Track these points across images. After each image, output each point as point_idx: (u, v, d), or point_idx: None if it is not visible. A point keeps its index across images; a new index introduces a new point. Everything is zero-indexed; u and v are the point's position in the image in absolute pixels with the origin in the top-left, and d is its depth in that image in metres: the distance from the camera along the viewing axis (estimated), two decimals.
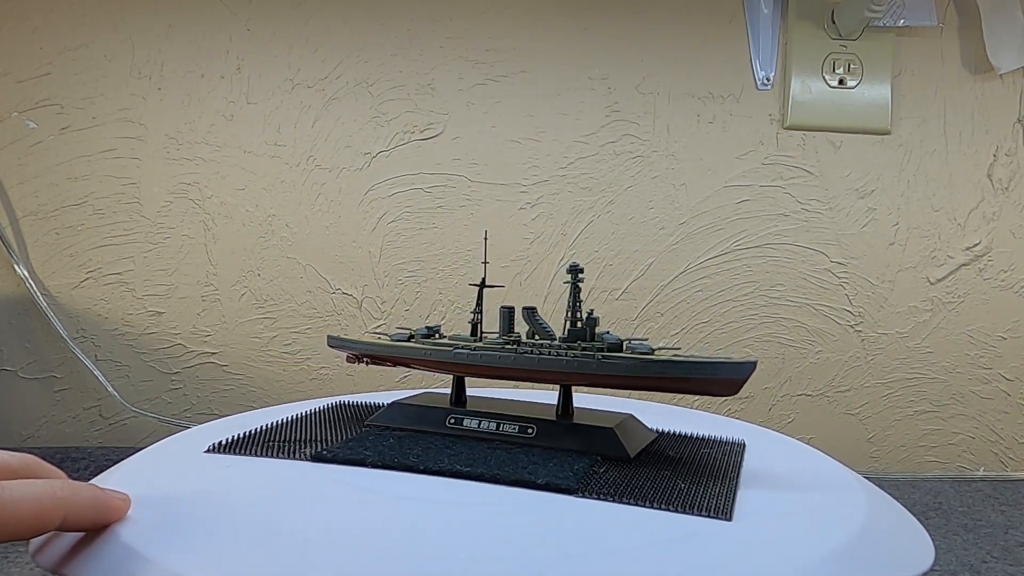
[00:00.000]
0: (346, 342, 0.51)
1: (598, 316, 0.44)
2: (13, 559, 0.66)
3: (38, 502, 0.28)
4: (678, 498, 0.35)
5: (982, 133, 1.01)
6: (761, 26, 0.99)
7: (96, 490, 0.32)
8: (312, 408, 0.54)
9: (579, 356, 0.42)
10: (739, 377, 0.39)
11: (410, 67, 0.97)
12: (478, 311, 0.49)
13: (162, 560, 0.29)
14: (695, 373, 0.39)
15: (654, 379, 0.41)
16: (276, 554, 0.29)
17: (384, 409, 0.49)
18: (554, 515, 0.34)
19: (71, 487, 0.30)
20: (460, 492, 0.36)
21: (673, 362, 0.40)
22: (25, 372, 0.95)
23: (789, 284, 1.01)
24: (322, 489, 0.37)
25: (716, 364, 0.39)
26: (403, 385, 0.98)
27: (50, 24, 0.93)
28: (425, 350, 0.47)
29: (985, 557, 0.73)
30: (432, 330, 0.49)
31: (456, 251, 0.98)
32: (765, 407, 1.02)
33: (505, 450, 0.42)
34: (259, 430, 0.46)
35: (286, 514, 0.33)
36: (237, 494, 0.36)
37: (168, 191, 0.96)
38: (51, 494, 0.29)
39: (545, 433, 0.44)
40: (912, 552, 0.34)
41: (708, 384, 0.40)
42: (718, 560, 0.29)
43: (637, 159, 0.99)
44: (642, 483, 0.37)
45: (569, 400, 0.46)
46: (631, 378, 0.41)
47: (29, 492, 0.28)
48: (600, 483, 0.37)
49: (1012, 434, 1.04)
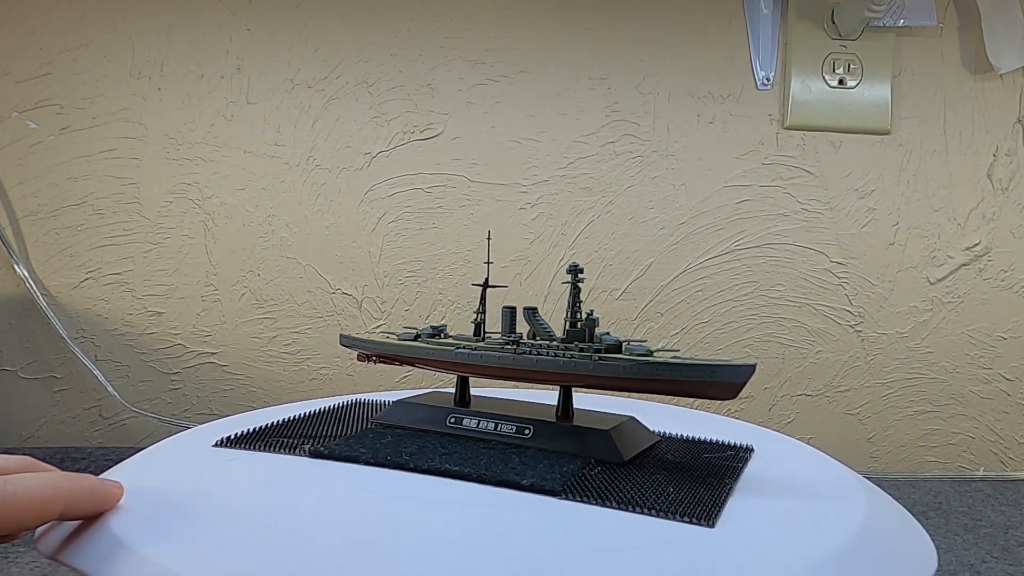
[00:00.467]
0: (357, 341, 0.52)
1: (597, 317, 0.44)
2: (13, 559, 0.66)
3: (39, 493, 0.29)
4: (663, 503, 0.35)
5: (982, 133, 1.01)
6: (761, 26, 0.99)
7: (92, 479, 0.33)
8: (323, 406, 0.55)
9: (576, 357, 0.42)
10: (737, 381, 0.38)
11: (410, 67, 0.97)
12: (481, 311, 0.49)
13: (146, 550, 0.30)
14: (691, 376, 0.39)
15: (650, 381, 0.40)
16: (256, 546, 0.30)
17: (389, 407, 0.50)
18: (531, 516, 0.34)
19: (69, 478, 0.32)
20: (445, 491, 0.37)
21: (669, 364, 0.39)
22: (25, 372, 0.95)
23: (789, 284, 1.01)
24: (310, 486, 0.38)
25: (713, 367, 0.38)
26: (403, 385, 0.98)
27: (50, 24, 0.93)
28: (429, 350, 0.48)
29: (985, 557, 0.73)
30: (437, 330, 0.50)
31: (456, 251, 0.98)
32: (765, 407, 1.02)
33: (500, 450, 0.43)
34: (267, 426, 0.47)
35: (270, 509, 0.34)
36: (227, 491, 0.36)
37: (168, 191, 0.96)
38: (51, 485, 0.30)
39: (542, 434, 0.44)
40: (914, 557, 0.34)
41: (705, 387, 0.39)
42: (687, 568, 0.29)
43: (637, 159, 0.99)
44: (630, 487, 0.37)
45: (569, 401, 0.46)
46: (627, 380, 0.41)
47: (30, 484, 0.29)
48: (587, 486, 0.37)
49: (1012, 434, 1.04)
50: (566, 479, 0.37)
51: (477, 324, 0.49)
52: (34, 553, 0.67)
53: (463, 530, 0.32)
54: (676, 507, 0.34)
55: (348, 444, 0.43)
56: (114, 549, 0.30)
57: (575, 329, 0.43)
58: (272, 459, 0.42)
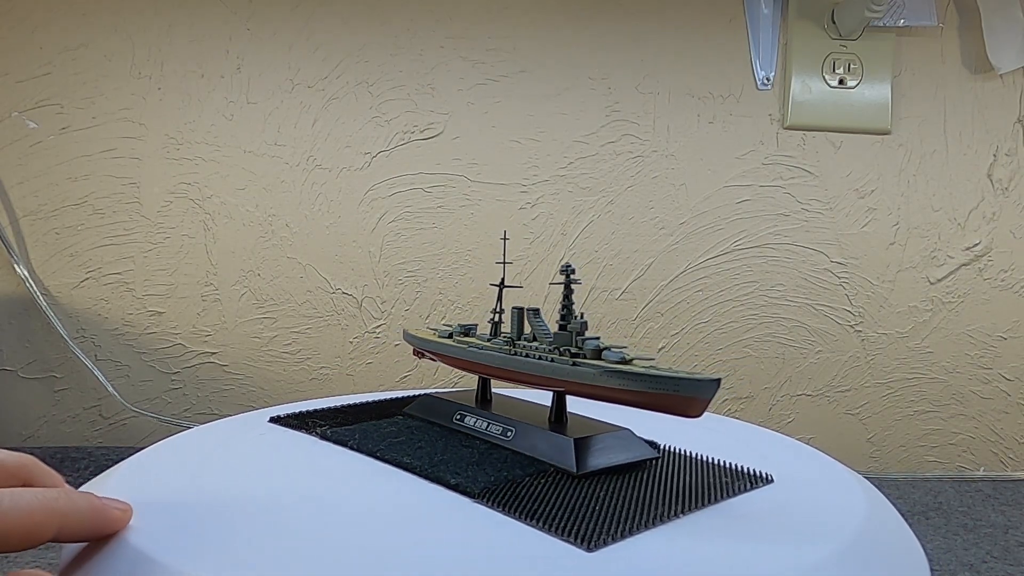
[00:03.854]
0: (408, 335, 0.55)
1: (586, 320, 0.43)
2: (13, 559, 0.66)
3: (29, 514, 0.27)
4: (560, 520, 0.33)
5: (982, 133, 1.01)
6: (761, 26, 0.99)
7: (94, 500, 0.31)
8: (383, 397, 0.59)
9: (557, 361, 0.42)
10: (700, 396, 0.35)
11: (410, 67, 0.97)
12: (498, 311, 0.50)
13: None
14: (654, 388, 0.36)
15: (616, 391, 0.38)
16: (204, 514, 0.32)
17: (417, 401, 0.53)
18: (423, 512, 0.35)
19: (68, 498, 0.29)
20: (381, 480, 0.39)
21: (632, 374, 0.37)
22: (25, 372, 0.95)
23: (789, 284, 1.01)
24: (288, 465, 0.42)
25: (677, 379, 0.35)
26: (402, 385, 0.98)
27: (50, 24, 0.93)
28: (446, 346, 0.50)
29: (985, 557, 0.73)
30: (466, 329, 0.52)
31: (456, 251, 0.98)
32: (765, 407, 1.02)
33: (478, 449, 0.43)
34: (317, 410, 0.54)
35: (234, 482, 0.37)
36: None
37: (168, 191, 0.96)
38: (44, 505, 0.28)
39: (521, 437, 0.44)
40: (903, 567, 0.34)
41: (666, 401, 0.36)
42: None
43: (637, 159, 0.99)
44: (553, 500, 0.35)
45: (562, 406, 0.45)
46: (597, 388, 0.39)
47: (20, 503, 0.27)
48: (509, 492, 0.36)
49: (1012, 434, 1.04)
50: (495, 483, 0.37)
51: (494, 324, 0.49)
52: (34, 553, 0.67)
53: (352, 514, 0.34)
54: (571, 527, 0.32)
55: (348, 431, 0.47)
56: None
57: (562, 332, 0.43)
58: (286, 439, 0.46)
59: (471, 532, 0.33)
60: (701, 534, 0.33)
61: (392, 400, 0.57)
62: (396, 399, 0.58)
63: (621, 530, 0.32)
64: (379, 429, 0.48)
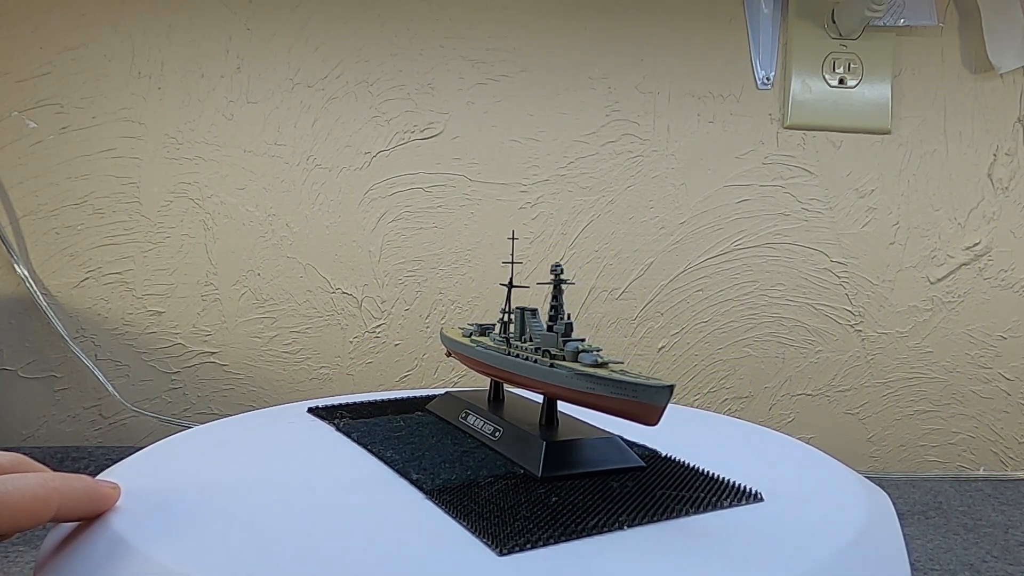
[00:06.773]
0: (442, 337, 0.57)
1: (572, 321, 0.42)
2: (13, 559, 0.66)
3: (33, 494, 0.29)
4: (487, 522, 0.32)
5: (982, 133, 1.01)
6: (761, 26, 0.99)
7: (87, 480, 0.33)
8: (414, 395, 0.61)
9: (539, 363, 0.41)
10: (653, 403, 0.34)
11: (410, 67, 0.97)
12: (506, 311, 0.50)
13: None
14: (613, 392, 0.35)
15: (582, 395, 0.38)
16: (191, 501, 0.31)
17: (438, 399, 0.55)
18: (372, 504, 0.35)
19: (63, 478, 0.31)
20: (357, 472, 0.41)
21: (594, 377, 0.36)
22: (25, 372, 0.95)
23: (789, 284, 1.01)
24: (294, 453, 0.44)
25: (635, 385, 0.34)
26: (402, 384, 0.98)
27: (50, 24, 0.93)
28: (458, 344, 0.52)
29: (985, 557, 0.73)
30: (483, 328, 0.53)
31: (456, 251, 0.98)
32: (765, 407, 1.02)
33: (468, 448, 0.44)
34: (350, 404, 0.57)
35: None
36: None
37: (168, 191, 0.96)
38: (45, 485, 0.30)
39: (506, 438, 0.44)
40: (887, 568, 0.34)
41: (628, 407, 0.35)
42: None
43: (637, 159, 0.99)
44: (500, 503, 0.35)
45: (552, 409, 0.44)
46: (568, 391, 0.39)
47: (24, 485, 0.29)
48: (464, 493, 0.36)
49: (1012, 434, 1.04)
50: (453, 482, 0.37)
51: (503, 324, 0.50)
52: (34, 552, 0.67)
53: (312, 499, 0.36)
54: (488, 527, 0.32)
55: (357, 424, 0.49)
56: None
57: (548, 333, 0.42)
58: (307, 430, 0.49)
59: (401, 524, 0.33)
60: (641, 548, 0.31)
61: (426, 397, 0.59)
62: (429, 397, 0.59)
63: (546, 537, 0.31)
64: (389, 424, 0.49)
